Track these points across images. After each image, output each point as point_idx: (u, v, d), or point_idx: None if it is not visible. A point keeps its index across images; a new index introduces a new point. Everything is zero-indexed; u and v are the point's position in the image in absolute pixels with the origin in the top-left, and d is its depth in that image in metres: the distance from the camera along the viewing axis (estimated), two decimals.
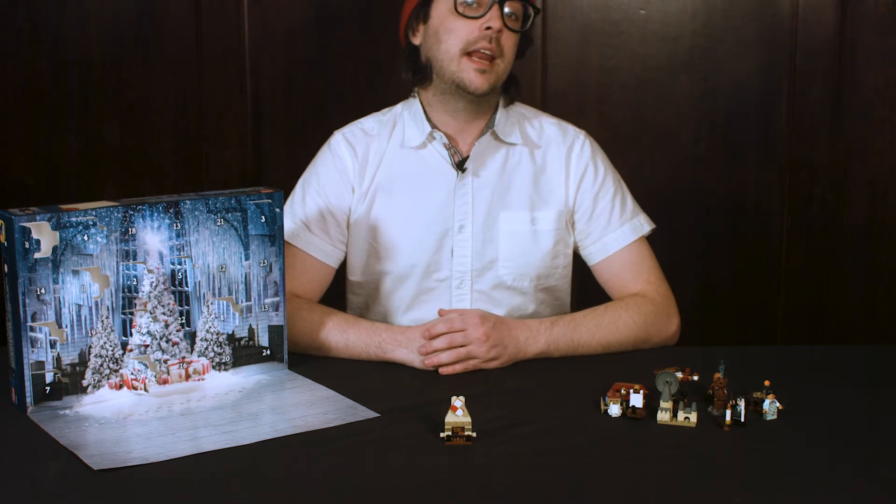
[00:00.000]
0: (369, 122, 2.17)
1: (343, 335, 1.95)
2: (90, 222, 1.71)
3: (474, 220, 2.08)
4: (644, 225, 2.15)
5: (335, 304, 2.08)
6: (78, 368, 1.72)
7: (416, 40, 2.09)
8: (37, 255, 1.67)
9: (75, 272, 1.70)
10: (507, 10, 2.01)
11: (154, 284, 1.78)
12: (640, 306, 2.03)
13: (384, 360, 1.92)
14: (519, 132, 2.12)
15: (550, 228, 2.11)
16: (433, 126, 2.09)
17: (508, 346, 1.90)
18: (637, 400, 1.66)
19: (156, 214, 1.76)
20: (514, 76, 2.10)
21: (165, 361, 1.80)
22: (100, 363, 1.74)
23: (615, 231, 2.12)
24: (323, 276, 2.11)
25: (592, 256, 2.14)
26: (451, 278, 2.09)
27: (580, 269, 2.20)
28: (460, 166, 2.09)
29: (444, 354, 1.86)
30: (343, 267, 2.16)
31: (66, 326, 1.70)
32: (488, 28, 1.98)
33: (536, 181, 2.11)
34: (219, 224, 1.83)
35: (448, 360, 1.86)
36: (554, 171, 2.12)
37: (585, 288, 2.24)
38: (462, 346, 1.86)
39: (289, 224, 2.09)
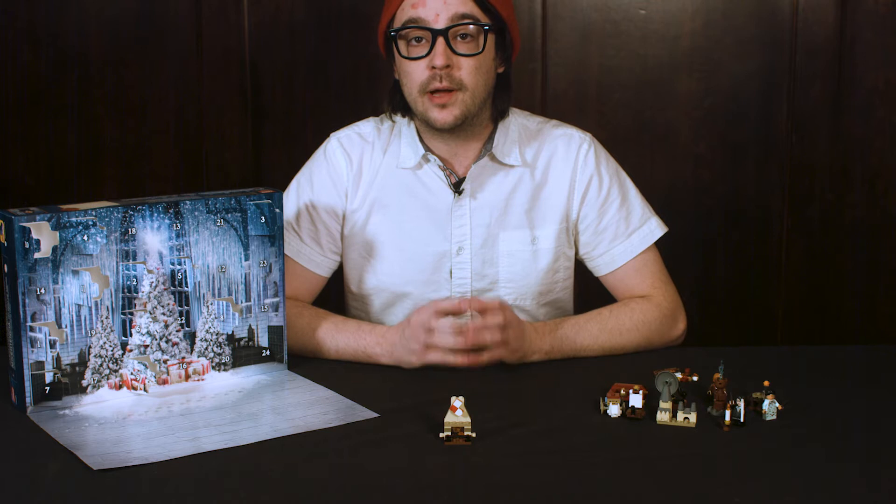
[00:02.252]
0: (367, 127, 2.12)
1: (333, 342, 1.95)
2: (90, 222, 1.71)
3: (472, 242, 2.05)
4: (655, 231, 2.11)
5: (334, 310, 2.06)
6: (77, 368, 1.72)
7: (396, 75, 2.04)
8: (37, 255, 1.67)
9: (75, 272, 1.70)
10: (459, 34, 1.92)
11: (154, 285, 1.78)
12: (644, 311, 2.02)
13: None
14: (518, 151, 2.06)
15: (551, 246, 2.08)
16: (427, 149, 2.05)
17: (524, 341, 1.89)
18: (636, 400, 1.66)
19: (156, 214, 1.76)
20: (507, 82, 2.04)
21: (165, 362, 1.80)
22: (99, 363, 1.74)
23: (623, 243, 2.09)
24: (313, 284, 2.09)
25: (600, 268, 2.12)
26: (451, 300, 2.07)
27: (581, 272, 2.20)
28: (457, 188, 2.05)
29: (487, 335, 1.82)
30: (342, 274, 2.15)
31: (66, 326, 1.71)
32: (434, 67, 1.91)
33: (536, 198, 2.07)
34: (219, 224, 1.83)
35: (491, 340, 1.82)
36: (556, 184, 2.08)
37: (587, 291, 2.24)
38: (502, 328, 1.84)
39: None
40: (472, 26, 1.93)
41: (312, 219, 2.08)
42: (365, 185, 2.08)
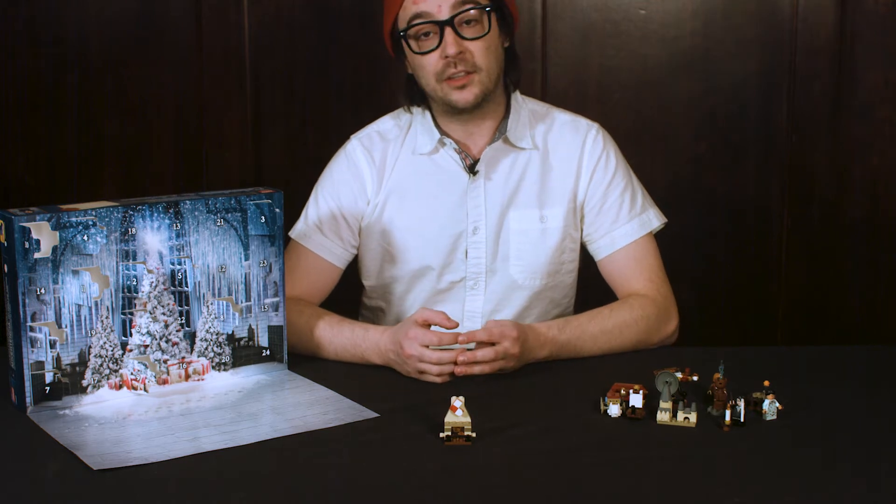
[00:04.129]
0: (387, 125, 2.17)
1: (331, 345, 1.96)
2: (90, 222, 1.71)
3: (487, 221, 2.09)
4: (653, 220, 2.14)
5: (348, 310, 2.07)
6: (78, 368, 1.72)
7: (409, 69, 2.09)
8: (37, 255, 1.67)
9: (75, 272, 1.70)
10: (464, 21, 1.97)
11: (154, 284, 1.78)
12: (643, 307, 2.03)
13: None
14: (530, 135, 2.12)
15: (559, 226, 2.11)
16: (443, 133, 2.09)
17: (523, 356, 1.89)
18: (637, 400, 1.66)
19: (156, 214, 1.76)
20: (514, 55, 2.09)
21: (165, 361, 1.80)
22: (99, 363, 1.74)
23: (623, 226, 2.11)
24: (329, 277, 2.12)
25: (600, 251, 2.13)
26: (466, 280, 2.10)
27: (583, 269, 2.20)
28: (471, 169, 2.09)
29: (476, 368, 1.83)
30: (356, 273, 2.17)
31: (66, 326, 1.70)
32: (447, 56, 1.97)
33: (546, 179, 2.11)
34: (219, 224, 1.83)
35: (479, 371, 1.83)
36: (565, 167, 2.12)
37: (588, 287, 2.24)
38: (495, 361, 1.84)
39: (301, 226, 2.12)
40: (474, 10, 1.97)
41: (333, 214, 2.11)
42: (386, 179, 2.12)
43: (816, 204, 2.80)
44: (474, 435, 1.57)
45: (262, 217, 1.87)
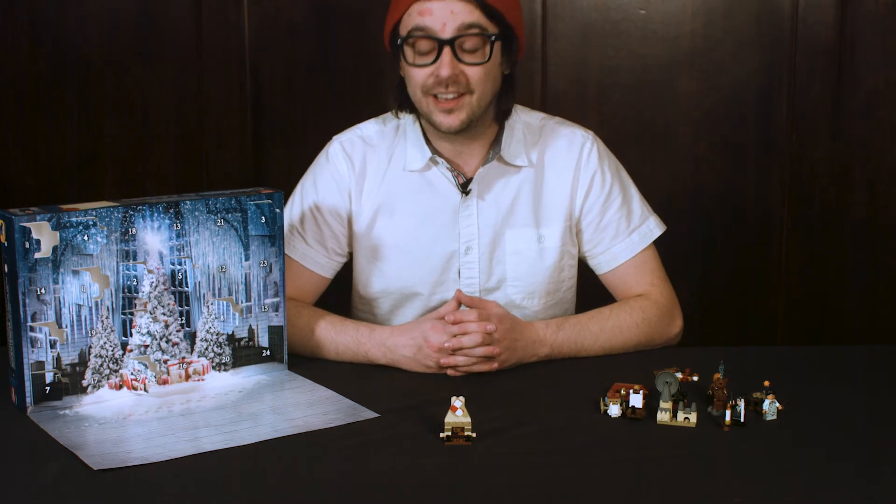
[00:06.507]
0: (370, 129, 2.12)
1: (332, 344, 1.95)
2: (90, 222, 1.71)
3: (480, 241, 2.06)
4: (654, 230, 2.12)
5: (336, 312, 2.06)
6: (78, 368, 1.72)
7: (402, 73, 2.02)
8: (37, 255, 1.67)
9: (75, 272, 1.70)
10: (465, 45, 1.91)
11: (154, 285, 1.78)
12: (644, 309, 2.02)
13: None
14: (525, 152, 2.06)
15: (556, 245, 2.08)
16: (433, 150, 2.04)
17: (518, 349, 1.89)
18: (637, 400, 1.66)
19: (156, 215, 1.76)
20: (512, 83, 2.03)
21: (165, 362, 1.80)
22: (100, 363, 1.74)
23: (624, 241, 2.09)
24: (317, 286, 2.10)
25: (601, 266, 2.12)
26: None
27: (581, 272, 2.20)
28: (464, 188, 2.05)
29: (464, 350, 1.84)
30: (349, 278, 2.15)
31: (66, 326, 1.71)
32: (440, 76, 1.90)
33: (541, 197, 2.08)
34: (219, 224, 1.83)
35: (471, 356, 1.84)
36: (560, 183, 2.08)
37: (587, 291, 2.24)
38: (485, 346, 1.85)
39: (285, 231, 2.08)
40: (478, 37, 1.92)
41: (317, 221, 2.08)
42: (370, 189, 2.08)
43: (816, 204, 2.80)
44: (474, 435, 1.57)
45: (263, 217, 1.87)
